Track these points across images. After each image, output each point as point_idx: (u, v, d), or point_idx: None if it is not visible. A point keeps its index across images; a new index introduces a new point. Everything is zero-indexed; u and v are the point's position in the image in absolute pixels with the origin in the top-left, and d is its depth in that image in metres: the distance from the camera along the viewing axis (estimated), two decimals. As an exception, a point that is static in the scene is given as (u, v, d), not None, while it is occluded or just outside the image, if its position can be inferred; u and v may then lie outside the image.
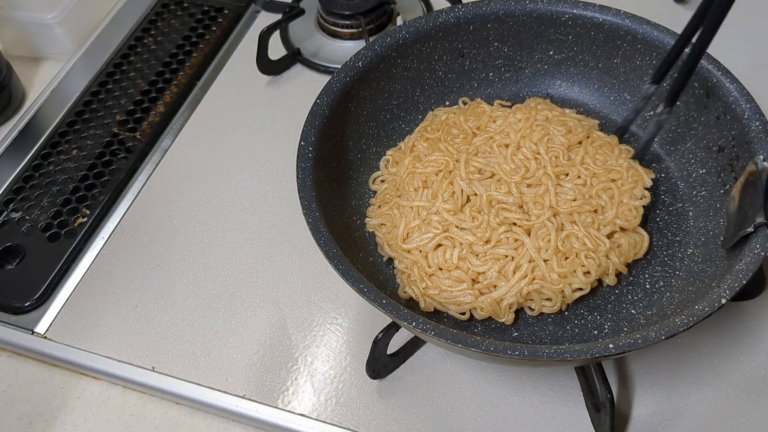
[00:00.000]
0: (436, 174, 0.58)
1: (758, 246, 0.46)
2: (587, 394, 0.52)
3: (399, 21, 0.80)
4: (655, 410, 0.52)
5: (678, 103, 0.57)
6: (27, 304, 0.60)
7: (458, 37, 0.64)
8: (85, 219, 0.66)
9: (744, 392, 0.52)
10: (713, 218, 0.55)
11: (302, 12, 0.82)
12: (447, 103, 0.67)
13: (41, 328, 0.59)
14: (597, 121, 0.63)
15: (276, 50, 0.78)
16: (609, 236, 0.55)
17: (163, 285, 0.61)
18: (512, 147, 0.59)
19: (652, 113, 0.57)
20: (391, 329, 0.51)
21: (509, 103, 0.66)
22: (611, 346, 0.42)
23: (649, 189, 0.57)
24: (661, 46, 0.59)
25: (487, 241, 0.54)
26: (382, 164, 0.63)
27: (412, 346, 0.56)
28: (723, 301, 0.44)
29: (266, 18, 0.85)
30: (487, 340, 0.43)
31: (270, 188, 0.68)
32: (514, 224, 0.54)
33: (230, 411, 0.54)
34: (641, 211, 0.56)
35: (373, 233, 0.58)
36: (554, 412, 0.52)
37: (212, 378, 0.55)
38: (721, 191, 0.55)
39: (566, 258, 0.53)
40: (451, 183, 0.57)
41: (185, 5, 0.87)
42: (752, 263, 0.45)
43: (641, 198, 0.56)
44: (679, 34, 0.54)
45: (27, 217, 0.67)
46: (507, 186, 0.56)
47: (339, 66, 0.59)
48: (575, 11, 0.61)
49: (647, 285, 0.55)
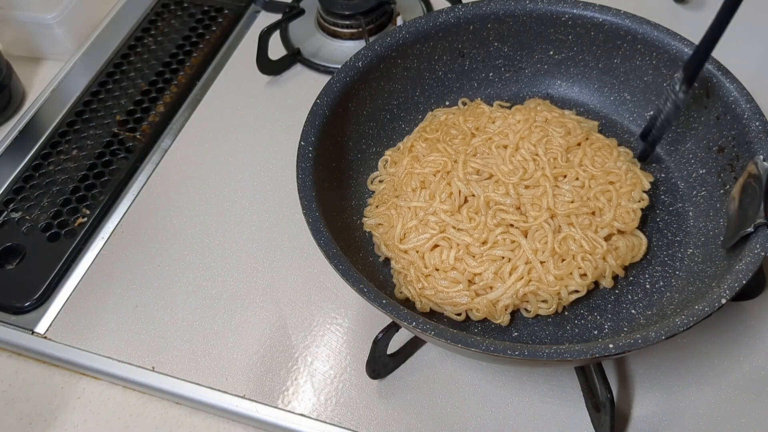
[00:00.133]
0: (434, 174, 0.58)
1: (758, 246, 0.46)
2: (587, 394, 0.52)
3: (399, 21, 0.80)
4: (655, 410, 0.52)
5: (695, 84, 0.55)
6: (27, 304, 0.60)
7: (458, 37, 0.64)
8: (85, 219, 0.66)
9: (744, 392, 0.52)
10: (713, 218, 0.55)
11: (302, 12, 0.82)
12: (447, 104, 0.67)
13: (41, 328, 0.59)
14: (596, 123, 0.63)
15: (276, 50, 0.78)
16: (606, 239, 0.55)
17: (163, 285, 0.61)
18: (511, 148, 0.59)
19: (670, 94, 0.55)
20: (391, 329, 0.51)
21: (509, 104, 0.66)
22: (611, 346, 0.42)
23: (648, 191, 0.57)
24: (661, 46, 0.59)
25: (484, 243, 0.54)
26: (381, 164, 0.63)
27: (412, 346, 0.56)
28: (723, 301, 0.44)
29: (266, 18, 0.85)
30: (487, 340, 0.43)
31: (270, 188, 0.68)
32: (511, 226, 0.54)
33: (230, 411, 0.54)
34: (639, 214, 0.56)
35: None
36: (554, 412, 0.52)
37: (212, 378, 0.55)
38: (721, 191, 0.55)
39: (563, 260, 0.53)
40: (449, 184, 0.57)
41: (185, 5, 0.87)
42: (752, 263, 0.45)
43: (639, 201, 0.56)
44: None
45: (27, 217, 0.67)
46: (505, 187, 0.56)
47: (339, 66, 0.59)
48: (575, 11, 0.61)
49: (647, 285, 0.55)
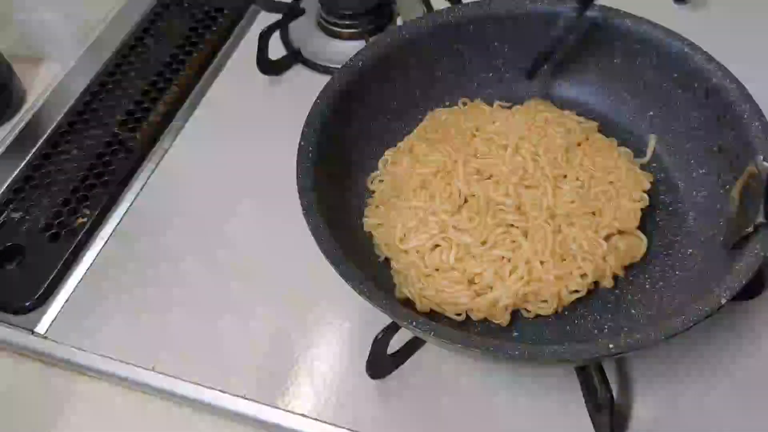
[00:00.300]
0: (435, 175, 0.58)
1: (758, 246, 0.46)
2: (587, 394, 0.52)
3: (399, 21, 0.80)
4: (655, 410, 0.52)
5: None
6: (27, 304, 0.60)
7: (458, 38, 0.64)
8: (85, 219, 0.66)
9: (744, 392, 0.52)
10: (713, 218, 0.55)
11: (302, 12, 0.82)
12: (447, 104, 0.67)
13: (41, 328, 0.59)
14: (596, 123, 0.63)
15: (276, 50, 0.78)
16: (606, 239, 0.54)
17: (164, 285, 0.61)
18: (511, 148, 0.58)
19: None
20: (391, 329, 0.51)
21: (509, 104, 0.65)
22: (611, 346, 0.42)
23: (648, 191, 0.57)
24: (661, 46, 0.58)
25: (484, 243, 0.54)
26: (381, 164, 0.63)
27: (412, 346, 0.56)
28: (723, 301, 0.44)
29: (266, 18, 0.85)
30: (487, 340, 0.43)
31: (270, 188, 0.68)
32: (512, 226, 0.54)
33: (230, 411, 0.54)
34: (639, 214, 0.56)
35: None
36: (554, 412, 0.52)
37: (212, 378, 0.55)
38: (721, 191, 0.55)
39: (563, 260, 0.53)
40: (449, 184, 0.57)
41: (185, 5, 0.87)
42: (752, 263, 0.45)
43: (639, 200, 0.56)
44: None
45: (27, 217, 0.66)
46: (505, 187, 0.56)
47: (339, 66, 0.59)
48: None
49: (647, 285, 0.55)
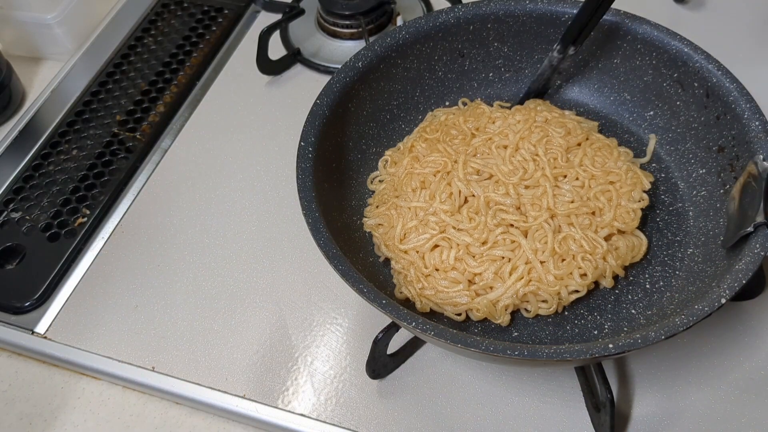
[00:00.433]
0: (434, 175, 0.58)
1: (758, 246, 0.46)
2: (587, 394, 0.52)
3: (399, 21, 0.80)
4: (655, 410, 0.52)
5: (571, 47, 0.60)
6: (27, 304, 0.60)
7: (458, 37, 0.64)
8: (85, 219, 0.66)
9: (744, 392, 0.52)
10: (713, 218, 0.55)
11: (302, 12, 0.82)
12: (447, 104, 0.67)
13: (41, 328, 0.59)
14: (596, 123, 0.63)
15: (276, 50, 0.78)
16: (607, 239, 0.55)
17: (163, 285, 0.61)
18: (511, 148, 0.58)
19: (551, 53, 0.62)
20: (391, 329, 0.51)
21: (509, 104, 0.66)
22: (611, 346, 0.42)
23: (648, 191, 0.57)
24: (661, 46, 0.59)
25: (484, 243, 0.54)
26: (381, 164, 0.63)
27: (412, 346, 0.56)
28: (723, 301, 0.44)
29: (266, 18, 0.85)
30: (487, 340, 0.43)
31: (270, 188, 0.68)
32: (511, 226, 0.54)
33: (230, 411, 0.54)
34: (639, 214, 0.56)
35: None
36: (554, 412, 0.52)
37: (212, 378, 0.55)
38: (721, 191, 0.55)
39: (563, 260, 0.53)
40: (449, 184, 0.57)
41: (185, 5, 0.87)
42: (752, 263, 0.45)
43: (639, 201, 0.56)
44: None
45: (27, 217, 0.67)
46: (505, 187, 0.56)
47: (339, 66, 0.59)
48: (575, 11, 0.61)
49: (647, 285, 0.55)
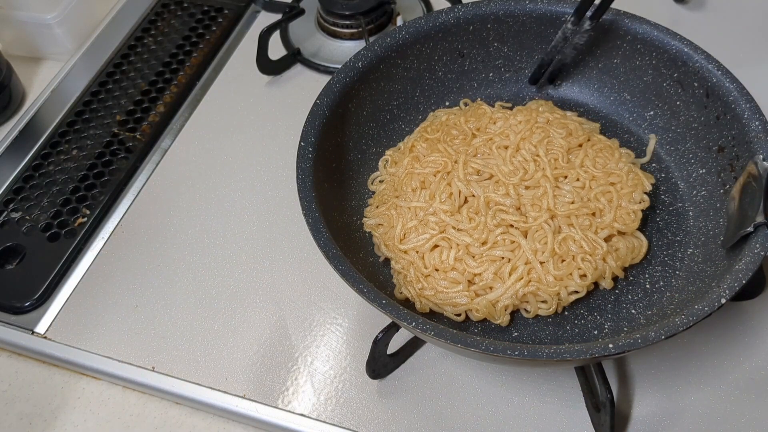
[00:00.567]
0: (435, 175, 0.58)
1: (758, 246, 0.46)
2: (587, 394, 0.52)
3: (399, 21, 0.80)
4: (655, 410, 0.52)
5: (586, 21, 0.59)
6: (27, 304, 0.60)
7: (458, 38, 0.64)
8: (85, 219, 0.66)
9: (744, 392, 0.52)
10: (713, 218, 0.55)
11: (302, 12, 0.82)
12: (447, 104, 0.67)
13: (41, 328, 0.59)
14: (598, 125, 0.63)
15: (276, 50, 0.78)
16: (607, 240, 0.55)
17: (163, 285, 0.61)
18: (511, 149, 0.58)
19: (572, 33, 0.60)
20: (391, 329, 0.51)
21: (510, 105, 0.65)
22: (611, 346, 0.42)
23: (649, 192, 0.57)
24: (661, 46, 0.59)
25: (484, 243, 0.54)
26: (381, 164, 0.63)
27: (412, 346, 0.56)
28: (723, 301, 0.44)
29: (266, 18, 0.85)
30: (487, 340, 0.43)
31: (270, 188, 0.68)
32: (511, 226, 0.54)
33: (230, 411, 0.54)
34: (640, 215, 0.56)
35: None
36: (554, 412, 0.52)
37: (212, 378, 0.55)
38: (721, 191, 0.55)
39: (563, 261, 0.53)
40: (449, 184, 0.57)
41: (185, 5, 0.87)
42: (752, 263, 0.45)
43: (640, 202, 0.56)
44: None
45: (27, 217, 0.67)
46: (505, 188, 0.56)
47: (339, 66, 0.59)
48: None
49: (647, 285, 0.55)
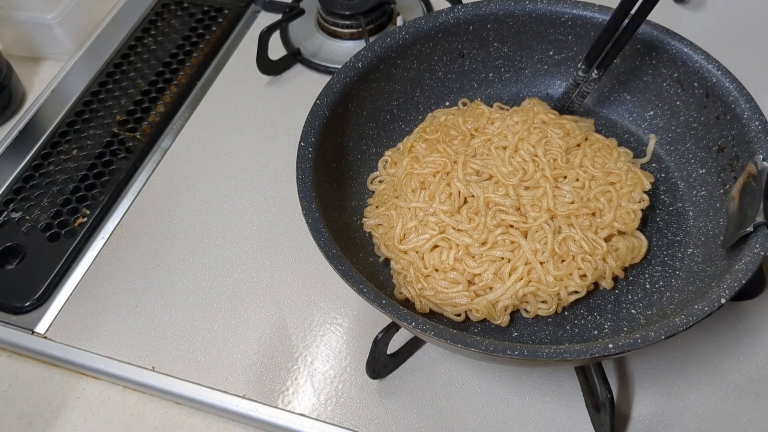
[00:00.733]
0: (434, 175, 0.58)
1: (758, 246, 0.46)
2: (587, 394, 0.52)
3: (399, 21, 0.80)
4: (655, 410, 0.52)
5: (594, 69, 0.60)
6: (27, 304, 0.60)
7: (458, 38, 0.64)
8: (85, 219, 0.66)
9: (744, 392, 0.52)
10: (713, 218, 0.55)
11: (302, 12, 0.82)
12: (447, 104, 0.67)
13: (41, 328, 0.59)
14: (592, 120, 0.63)
15: (276, 50, 0.78)
16: (607, 239, 0.55)
17: (163, 285, 0.61)
18: (510, 149, 0.58)
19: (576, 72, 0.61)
20: (391, 329, 0.51)
21: (508, 106, 0.65)
22: (611, 346, 0.42)
23: (648, 191, 0.57)
24: (661, 46, 0.59)
25: (484, 243, 0.54)
26: (381, 165, 0.63)
27: (412, 346, 0.56)
28: (723, 301, 0.44)
29: (266, 18, 0.85)
30: (487, 340, 0.43)
31: (270, 188, 0.68)
32: (511, 226, 0.54)
33: (230, 411, 0.54)
34: (639, 215, 0.55)
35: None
36: (554, 412, 0.52)
37: (212, 378, 0.55)
38: (721, 191, 0.55)
39: (563, 261, 0.53)
40: (449, 184, 0.57)
41: (185, 5, 0.87)
42: (752, 263, 0.45)
43: (640, 201, 0.56)
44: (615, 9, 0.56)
45: (27, 217, 0.67)
46: (504, 188, 0.56)
47: (339, 66, 0.59)
48: (575, 11, 0.61)
49: (647, 285, 0.55)
